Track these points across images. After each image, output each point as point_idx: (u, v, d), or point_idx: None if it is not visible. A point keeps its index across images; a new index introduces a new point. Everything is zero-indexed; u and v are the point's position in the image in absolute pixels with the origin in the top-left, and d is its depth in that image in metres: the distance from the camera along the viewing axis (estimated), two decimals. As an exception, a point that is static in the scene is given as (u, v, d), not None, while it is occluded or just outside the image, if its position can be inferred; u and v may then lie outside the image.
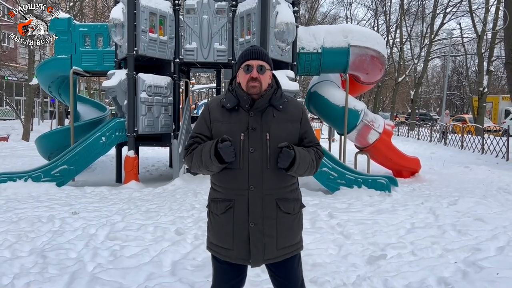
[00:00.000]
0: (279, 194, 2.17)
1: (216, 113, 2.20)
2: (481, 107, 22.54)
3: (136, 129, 7.93)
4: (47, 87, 10.40)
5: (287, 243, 2.21)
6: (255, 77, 2.13)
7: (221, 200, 2.20)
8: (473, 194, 7.32)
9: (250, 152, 2.12)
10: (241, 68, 2.18)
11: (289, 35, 7.71)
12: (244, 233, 2.15)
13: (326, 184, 7.53)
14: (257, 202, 2.14)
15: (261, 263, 2.19)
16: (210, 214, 2.29)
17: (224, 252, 2.20)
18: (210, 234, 2.31)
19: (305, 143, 2.25)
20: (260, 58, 2.15)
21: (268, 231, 2.15)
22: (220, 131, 2.15)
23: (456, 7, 28.61)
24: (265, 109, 2.17)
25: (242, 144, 2.12)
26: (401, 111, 56.14)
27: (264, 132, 2.13)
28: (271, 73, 2.22)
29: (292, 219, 2.23)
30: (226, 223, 2.18)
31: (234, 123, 2.15)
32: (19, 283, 3.38)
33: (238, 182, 2.14)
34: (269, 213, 2.15)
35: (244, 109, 2.16)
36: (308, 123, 2.28)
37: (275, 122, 2.16)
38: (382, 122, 9.07)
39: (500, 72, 41.24)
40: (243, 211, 2.14)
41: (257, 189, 2.13)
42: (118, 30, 7.94)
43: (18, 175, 7.55)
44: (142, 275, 3.61)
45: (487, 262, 3.88)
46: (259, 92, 2.15)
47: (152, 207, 6.03)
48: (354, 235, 4.82)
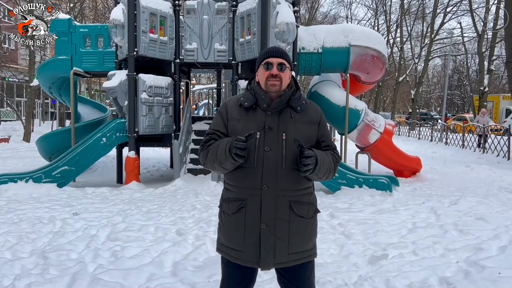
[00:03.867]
0: (293, 196, 2.12)
1: (233, 111, 2.18)
2: (482, 106, 22.51)
3: (136, 129, 7.93)
4: (47, 88, 10.40)
5: (299, 248, 2.14)
6: (275, 74, 2.11)
7: (234, 199, 2.15)
8: (475, 194, 7.31)
9: (265, 151, 2.08)
10: (261, 66, 2.16)
11: (289, 35, 7.70)
12: (255, 234, 2.09)
13: (327, 184, 7.52)
14: (270, 203, 2.09)
15: (271, 266, 2.13)
16: (222, 214, 2.23)
17: (234, 254, 2.15)
18: (220, 235, 2.25)
19: (322, 146, 2.21)
20: (281, 56, 2.14)
21: (279, 233, 2.10)
22: (237, 129, 2.12)
23: (456, 6, 28.64)
24: (283, 109, 2.14)
25: (258, 143, 2.09)
26: (402, 111, 56.11)
27: (280, 132, 2.10)
28: (291, 73, 2.19)
29: (306, 223, 2.16)
30: (238, 223, 2.13)
31: (251, 121, 2.12)
32: (20, 284, 3.38)
33: (251, 181, 2.09)
34: (281, 215, 2.10)
35: (262, 108, 2.13)
36: (326, 126, 2.25)
37: (292, 122, 2.13)
38: (383, 122, 9.06)
39: (501, 71, 41.17)
40: (255, 211, 2.09)
41: (270, 189, 2.08)
42: (118, 30, 7.94)
43: (19, 176, 7.55)
44: (143, 275, 3.60)
45: (489, 262, 3.87)
46: (279, 90, 2.12)
47: (153, 208, 6.02)
48: (355, 235, 4.81)
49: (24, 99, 29.87)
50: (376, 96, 34.64)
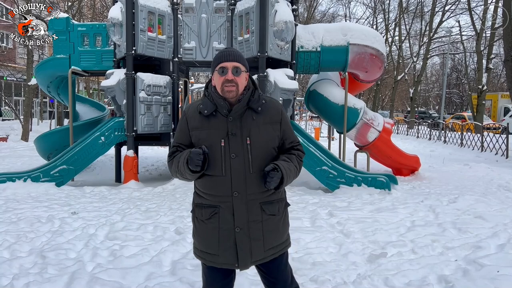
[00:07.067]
0: (263, 198, 2.15)
1: (194, 120, 2.16)
2: (480, 105, 22.52)
3: (135, 128, 7.92)
4: (45, 87, 10.37)
5: (274, 243, 2.20)
6: (231, 79, 2.07)
7: (206, 206, 2.17)
8: (473, 192, 7.32)
9: (231, 158, 2.09)
10: (215, 71, 2.11)
11: (288, 34, 7.70)
12: (230, 238, 2.13)
13: (326, 183, 7.52)
14: (242, 208, 2.12)
15: (249, 265, 2.19)
16: (195, 219, 2.25)
17: (209, 258, 2.19)
18: (195, 240, 2.28)
19: (286, 144, 2.23)
20: (235, 60, 2.09)
21: (254, 234, 2.14)
22: (200, 138, 2.12)
23: (455, 4, 28.65)
24: (244, 112, 2.13)
25: (223, 150, 2.09)
26: (400, 109, 56.15)
27: (244, 137, 2.10)
28: (247, 75, 2.17)
29: (278, 220, 2.21)
30: (212, 229, 2.16)
31: (213, 129, 2.11)
32: (18, 284, 3.37)
33: (222, 189, 2.11)
34: (254, 217, 2.14)
35: (223, 114, 2.11)
36: (287, 122, 2.25)
37: (255, 125, 2.12)
38: (382, 120, 9.06)
39: (499, 69, 41.26)
40: (228, 217, 2.12)
41: (241, 195, 2.11)
42: (116, 29, 7.93)
43: (17, 175, 7.54)
44: (142, 275, 3.60)
45: (488, 260, 3.88)
46: (236, 95, 2.10)
47: (151, 207, 6.02)
48: (354, 233, 4.81)
49: (22, 98, 29.82)
50: (375, 95, 34.68)
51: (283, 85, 7.45)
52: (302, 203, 6.32)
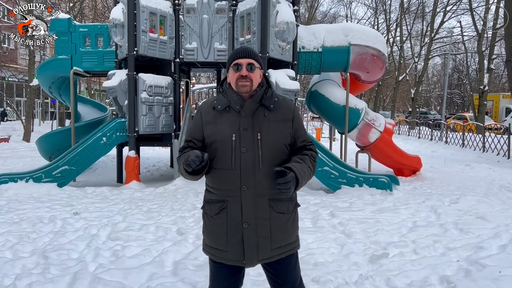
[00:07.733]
0: (271, 195, 2.15)
1: (207, 115, 2.21)
2: (482, 105, 22.47)
3: (136, 129, 7.93)
4: (47, 87, 10.40)
5: (281, 242, 2.19)
6: (245, 75, 2.13)
7: (215, 201, 2.20)
8: (475, 193, 7.31)
9: (242, 153, 2.11)
10: (230, 68, 2.17)
11: (289, 34, 7.70)
12: (238, 234, 2.14)
13: (327, 183, 7.52)
14: (250, 202, 2.13)
15: (255, 263, 2.19)
16: (205, 215, 2.28)
17: (218, 254, 2.20)
18: (205, 236, 2.30)
19: (298, 142, 2.24)
20: (249, 57, 2.15)
21: (261, 231, 2.15)
22: (212, 133, 2.16)
23: (456, 5, 28.60)
24: (256, 109, 2.16)
25: (234, 144, 2.12)
26: (402, 110, 56.09)
27: (255, 133, 2.13)
28: (261, 72, 2.21)
29: (286, 218, 2.21)
30: (220, 224, 2.17)
31: (226, 124, 2.15)
32: (21, 284, 3.38)
33: (230, 183, 2.14)
34: (262, 214, 2.14)
35: (235, 110, 2.15)
36: (300, 121, 2.27)
37: (266, 121, 2.15)
38: (383, 121, 9.06)
39: (501, 70, 41.20)
40: (236, 212, 2.14)
41: (249, 190, 2.12)
42: (118, 30, 7.94)
43: (19, 176, 7.55)
44: (144, 275, 3.61)
45: (490, 261, 3.88)
46: (250, 90, 2.15)
47: (153, 207, 6.02)
48: (356, 234, 4.81)
49: (24, 99, 29.87)
50: (376, 95, 34.64)
51: (285, 85, 7.45)
52: (303, 204, 6.31)
